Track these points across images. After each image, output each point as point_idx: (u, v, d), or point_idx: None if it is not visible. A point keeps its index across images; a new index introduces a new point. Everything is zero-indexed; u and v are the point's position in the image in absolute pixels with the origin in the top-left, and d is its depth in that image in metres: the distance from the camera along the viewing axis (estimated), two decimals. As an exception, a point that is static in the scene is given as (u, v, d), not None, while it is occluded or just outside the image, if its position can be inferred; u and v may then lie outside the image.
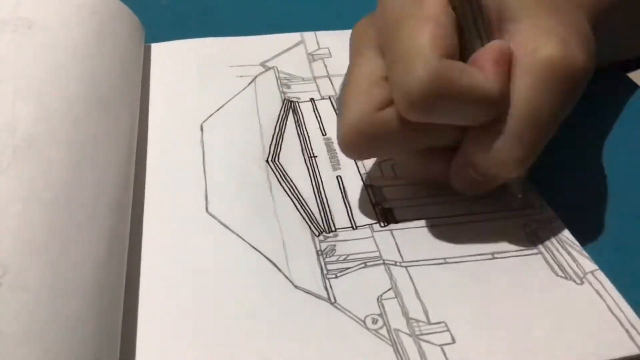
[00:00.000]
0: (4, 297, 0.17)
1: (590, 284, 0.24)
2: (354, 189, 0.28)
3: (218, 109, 0.32)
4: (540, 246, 0.25)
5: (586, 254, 0.25)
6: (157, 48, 0.37)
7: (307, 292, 0.23)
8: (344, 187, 0.28)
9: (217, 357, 0.21)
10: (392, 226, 0.26)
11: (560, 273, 0.24)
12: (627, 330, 0.22)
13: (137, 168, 0.28)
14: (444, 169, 0.26)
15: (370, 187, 0.28)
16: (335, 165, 0.29)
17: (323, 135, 0.31)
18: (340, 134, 0.24)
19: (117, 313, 0.21)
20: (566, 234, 0.26)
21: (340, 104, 0.25)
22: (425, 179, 0.27)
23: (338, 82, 0.35)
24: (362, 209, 0.27)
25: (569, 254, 0.25)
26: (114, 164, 0.26)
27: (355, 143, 0.24)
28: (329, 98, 0.33)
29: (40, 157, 0.22)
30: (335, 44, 0.38)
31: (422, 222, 0.26)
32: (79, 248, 0.21)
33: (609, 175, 0.29)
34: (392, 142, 0.24)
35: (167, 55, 0.36)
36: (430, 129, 0.24)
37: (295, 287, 0.24)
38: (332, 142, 0.31)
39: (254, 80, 0.35)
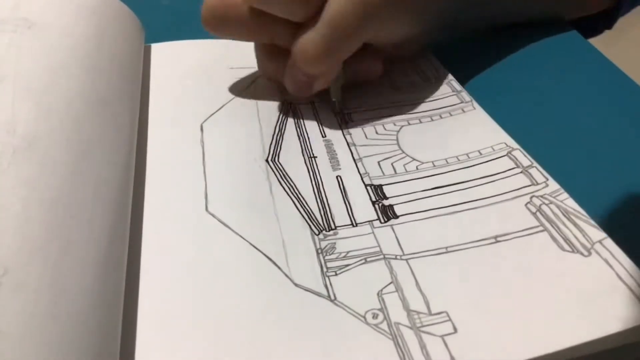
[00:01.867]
0: (5, 297, 0.17)
1: (599, 254, 0.23)
2: (354, 188, 0.28)
3: (218, 110, 0.33)
4: (545, 222, 0.25)
5: (594, 223, 0.24)
6: (157, 48, 0.37)
7: (306, 290, 0.23)
8: (344, 187, 0.28)
9: (217, 356, 0.21)
10: (393, 221, 0.26)
11: (566, 247, 0.24)
12: (639, 298, 0.21)
13: (137, 168, 0.28)
14: (283, 67, 0.31)
15: (370, 186, 0.28)
16: (335, 165, 0.29)
17: (323, 137, 0.31)
18: (202, 10, 0.30)
19: (117, 312, 0.21)
20: (572, 204, 0.25)
21: None
22: (270, 75, 0.34)
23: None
24: (362, 206, 0.27)
25: (576, 225, 0.24)
26: (114, 163, 0.26)
27: (209, 18, 0.30)
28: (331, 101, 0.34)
29: (40, 157, 0.22)
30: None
31: (423, 215, 0.26)
32: (79, 247, 0.21)
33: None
34: (240, 26, 0.31)
35: (167, 56, 0.36)
36: (268, 21, 0.30)
37: (295, 285, 0.24)
38: (332, 144, 0.31)
39: (253, 82, 0.35)
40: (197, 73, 0.35)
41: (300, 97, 0.33)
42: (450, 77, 0.34)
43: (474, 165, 0.28)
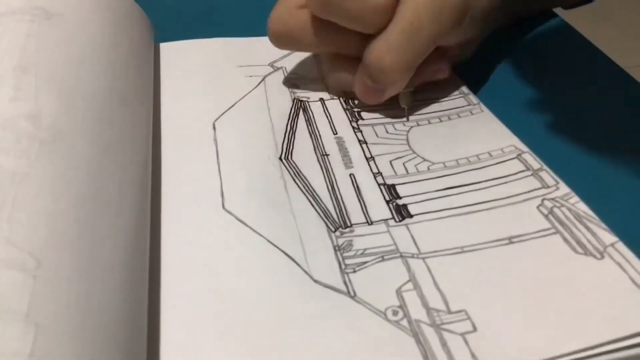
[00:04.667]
0: (40, 290, 0.17)
1: (611, 257, 0.23)
2: (367, 187, 0.28)
3: (229, 108, 0.33)
4: (557, 225, 0.25)
5: (605, 227, 0.25)
6: (165, 47, 0.37)
7: (326, 287, 0.24)
8: (357, 185, 0.28)
9: (238, 352, 0.21)
10: (407, 220, 0.26)
11: (579, 250, 0.24)
12: None
13: (153, 165, 0.28)
14: (352, 77, 0.31)
15: (383, 185, 0.28)
16: (348, 163, 0.30)
17: (334, 134, 0.31)
18: (268, 24, 0.31)
19: (143, 306, 0.22)
20: (583, 207, 0.26)
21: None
22: (336, 85, 0.33)
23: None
24: (377, 205, 0.27)
25: (587, 228, 0.25)
26: (134, 160, 0.26)
27: (277, 31, 0.31)
28: (339, 98, 0.34)
29: (65, 151, 0.22)
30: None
31: (437, 214, 0.26)
32: (107, 242, 0.21)
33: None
34: (308, 37, 0.31)
35: (175, 55, 0.37)
36: (337, 31, 0.30)
37: (315, 281, 0.24)
38: (344, 142, 0.31)
39: (263, 80, 0.35)
40: (206, 72, 0.35)
41: (369, 104, 0.32)
42: (458, 80, 0.35)
43: (484, 167, 0.29)
